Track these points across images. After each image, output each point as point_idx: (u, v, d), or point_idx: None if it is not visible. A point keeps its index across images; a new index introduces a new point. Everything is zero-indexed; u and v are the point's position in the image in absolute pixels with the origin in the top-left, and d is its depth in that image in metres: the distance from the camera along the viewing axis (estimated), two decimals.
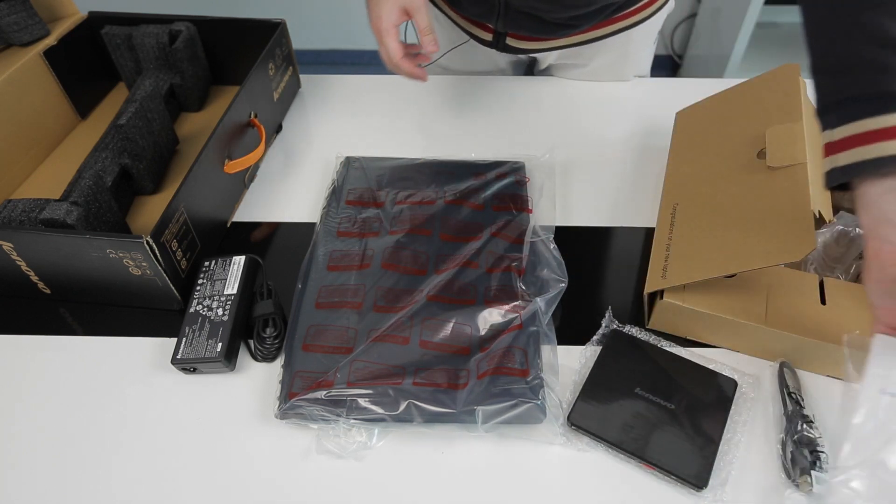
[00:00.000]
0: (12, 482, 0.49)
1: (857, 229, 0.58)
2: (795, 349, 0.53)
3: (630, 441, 0.49)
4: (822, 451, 0.47)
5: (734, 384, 0.52)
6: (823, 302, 0.54)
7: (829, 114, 0.43)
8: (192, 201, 0.61)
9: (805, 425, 0.49)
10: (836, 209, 0.64)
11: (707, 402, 0.51)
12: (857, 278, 0.60)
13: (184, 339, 0.55)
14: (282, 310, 0.59)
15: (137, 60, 0.82)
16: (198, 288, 0.59)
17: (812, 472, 0.46)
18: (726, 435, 0.49)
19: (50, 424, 0.53)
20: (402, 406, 0.50)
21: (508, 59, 0.93)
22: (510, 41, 0.82)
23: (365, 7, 0.68)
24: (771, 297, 0.54)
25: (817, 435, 0.48)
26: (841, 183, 0.43)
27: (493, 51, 0.86)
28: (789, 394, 0.52)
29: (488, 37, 0.82)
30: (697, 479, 0.47)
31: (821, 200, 0.53)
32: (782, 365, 0.54)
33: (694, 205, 0.60)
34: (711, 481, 0.47)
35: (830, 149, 0.43)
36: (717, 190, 0.60)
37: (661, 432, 0.49)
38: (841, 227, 0.58)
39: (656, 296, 0.56)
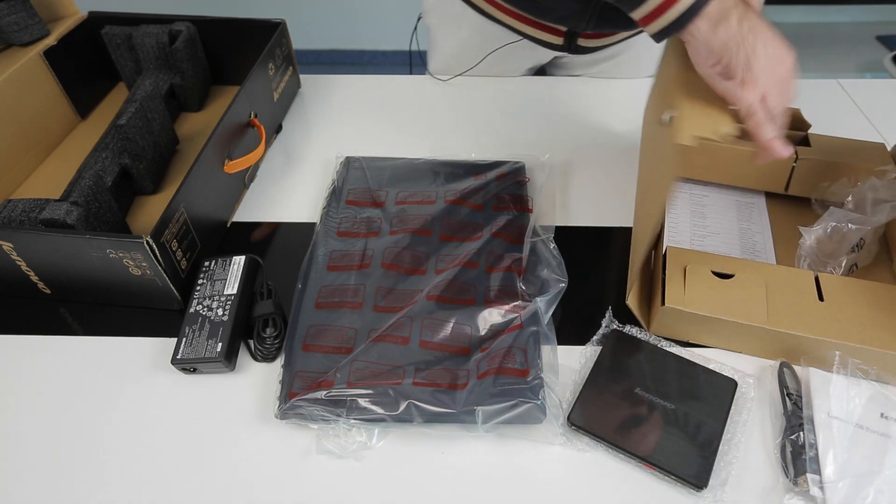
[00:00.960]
0: (12, 482, 0.49)
1: (850, 224, 0.58)
2: (797, 347, 0.53)
3: (630, 441, 0.49)
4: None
5: (734, 384, 0.52)
6: (821, 298, 0.54)
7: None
8: (192, 201, 0.61)
9: (804, 426, 0.49)
10: (824, 204, 0.64)
11: (707, 402, 0.51)
12: (849, 272, 0.60)
13: (184, 339, 0.55)
14: (282, 310, 0.59)
15: (137, 60, 0.82)
16: (198, 288, 0.59)
17: (809, 474, 0.46)
18: (726, 435, 0.49)
19: (50, 424, 0.52)
20: (402, 406, 0.50)
21: (534, 62, 0.92)
22: (581, 41, 0.81)
23: (735, 56, 0.48)
24: (770, 296, 0.54)
25: (816, 436, 0.48)
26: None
27: (520, 55, 0.86)
28: (788, 394, 0.52)
29: (558, 40, 0.81)
30: (697, 479, 0.47)
31: (704, 124, 0.50)
32: (782, 365, 0.54)
33: (640, 196, 0.61)
34: (711, 481, 0.47)
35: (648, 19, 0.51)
36: (648, 172, 0.60)
37: (661, 432, 0.49)
38: (834, 224, 0.59)
39: (653, 302, 0.56)
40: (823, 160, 0.65)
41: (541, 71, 0.99)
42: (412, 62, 1.03)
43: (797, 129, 0.68)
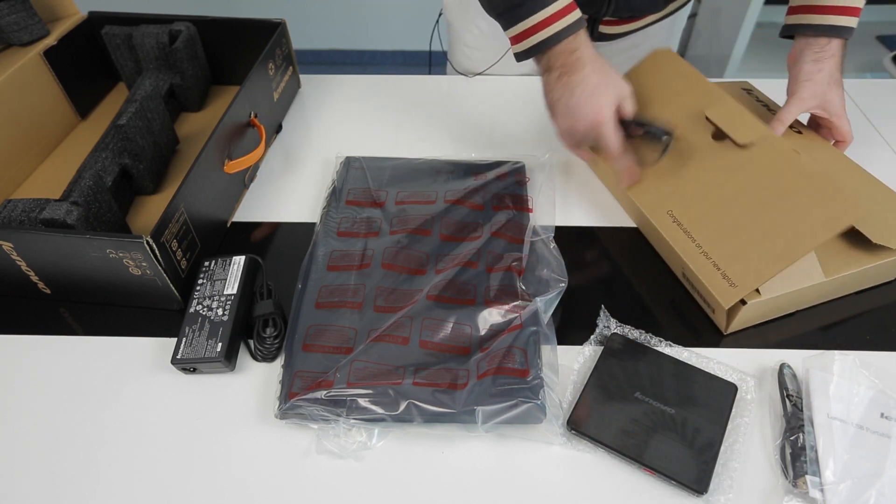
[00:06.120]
0: (12, 481, 0.49)
1: None
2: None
3: (630, 446, 0.49)
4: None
5: (734, 389, 0.52)
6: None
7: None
8: (192, 201, 0.61)
9: (804, 427, 0.49)
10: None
11: (707, 406, 0.51)
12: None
13: (184, 339, 0.55)
14: (282, 310, 0.59)
15: (137, 60, 0.82)
16: (198, 288, 0.58)
17: (808, 475, 0.46)
18: (727, 440, 0.49)
19: (49, 424, 0.52)
20: (402, 406, 0.50)
21: None
22: (602, 28, 0.82)
23: (547, 100, 0.64)
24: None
25: (816, 437, 0.48)
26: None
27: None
28: (788, 396, 0.52)
29: None
30: (698, 484, 0.47)
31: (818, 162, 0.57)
32: (782, 366, 0.54)
33: (692, 205, 0.60)
34: (711, 486, 0.47)
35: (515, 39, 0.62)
36: (704, 183, 0.60)
37: (660, 437, 0.49)
38: None
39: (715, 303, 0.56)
40: None
41: None
42: (431, 61, 1.03)
43: None
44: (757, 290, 0.54)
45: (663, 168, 0.63)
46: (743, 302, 0.54)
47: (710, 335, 0.58)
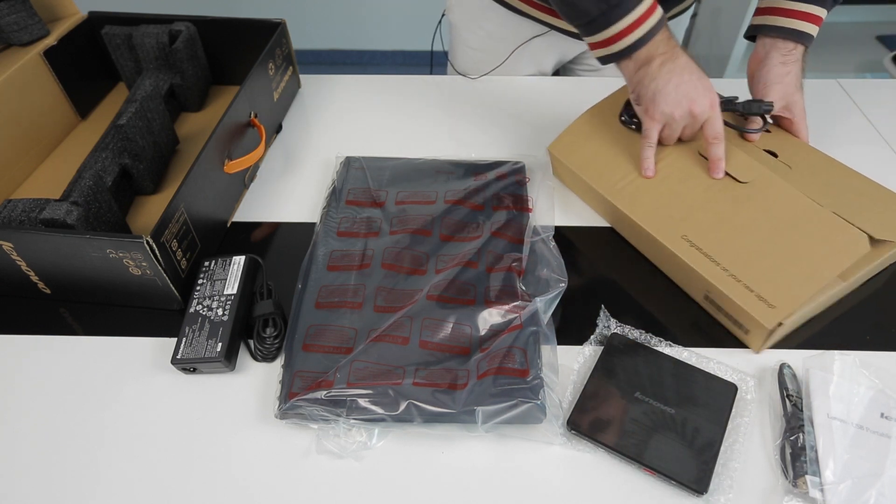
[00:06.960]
0: (12, 481, 0.49)
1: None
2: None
3: (630, 446, 0.49)
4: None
5: (734, 389, 0.52)
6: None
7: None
8: (192, 201, 0.61)
9: (804, 427, 0.49)
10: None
11: (707, 406, 0.51)
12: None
13: (184, 339, 0.55)
14: (282, 310, 0.59)
15: (137, 60, 0.82)
16: (198, 288, 0.58)
17: (808, 475, 0.46)
18: (727, 440, 0.49)
19: (49, 424, 0.52)
20: (402, 406, 0.50)
21: (561, 56, 0.93)
22: None
23: (646, 92, 0.61)
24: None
25: (816, 437, 0.48)
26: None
27: (547, 49, 0.88)
28: (788, 396, 0.52)
29: None
30: (698, 484, 0.47)
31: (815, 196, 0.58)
32: (782, 366, 0.54)
33: (709, 231, 0.59)
34: (711, 486, 0.47)
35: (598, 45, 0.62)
36: (716, 212, 0.60)
37: (660, 437, 0.49)
38: None
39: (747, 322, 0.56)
40: None
41: (564, 69, 0.99)
42: (433, 61, 1.03)
43: None
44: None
45: (666, 193, 0.63)
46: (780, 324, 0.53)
47: (711, 335, 0.58)
